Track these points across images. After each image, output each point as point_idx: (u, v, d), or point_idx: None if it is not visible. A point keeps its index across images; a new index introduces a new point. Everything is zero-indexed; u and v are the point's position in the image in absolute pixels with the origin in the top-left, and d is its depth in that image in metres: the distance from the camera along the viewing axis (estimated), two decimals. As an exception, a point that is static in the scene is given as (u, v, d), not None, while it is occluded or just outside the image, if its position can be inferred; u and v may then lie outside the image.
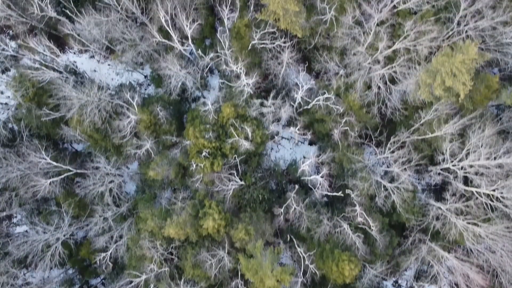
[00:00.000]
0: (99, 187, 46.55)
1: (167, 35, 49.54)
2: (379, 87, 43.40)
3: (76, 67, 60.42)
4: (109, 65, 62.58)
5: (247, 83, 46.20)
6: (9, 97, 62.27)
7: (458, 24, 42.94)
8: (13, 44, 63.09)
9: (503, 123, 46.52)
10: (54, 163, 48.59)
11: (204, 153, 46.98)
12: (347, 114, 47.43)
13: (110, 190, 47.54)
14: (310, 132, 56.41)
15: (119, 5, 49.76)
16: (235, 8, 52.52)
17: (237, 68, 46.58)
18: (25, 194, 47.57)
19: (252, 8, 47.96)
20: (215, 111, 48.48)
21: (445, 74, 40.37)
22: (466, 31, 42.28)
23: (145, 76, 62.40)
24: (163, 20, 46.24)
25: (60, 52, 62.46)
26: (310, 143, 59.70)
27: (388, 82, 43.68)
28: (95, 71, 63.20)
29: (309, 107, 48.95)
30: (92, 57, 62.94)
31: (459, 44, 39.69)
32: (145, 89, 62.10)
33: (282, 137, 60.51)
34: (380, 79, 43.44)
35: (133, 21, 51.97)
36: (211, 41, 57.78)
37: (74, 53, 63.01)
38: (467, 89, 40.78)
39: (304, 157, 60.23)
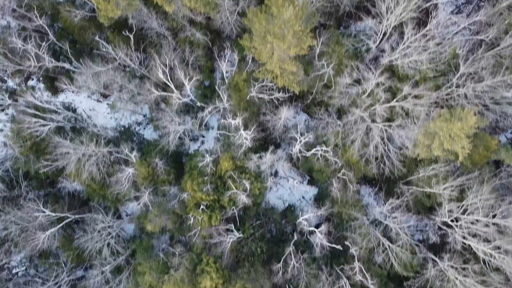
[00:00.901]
0: (97, 243, 46.59)
1: (166, 85, 49.44)
2: (376, 146, 43.21)
3: (74, 108, 60.39)
4: (107, 104, 62.45)
5: (245, 137, 46.10)
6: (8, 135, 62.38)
7: (457, 86, 42.72)
8: (10, 82, 62.89)
9: (502, 178, 46.37)
10: (53, 214, 48.74)
11: (202, 207, 46.95)
12: (346, 166, 47.33)
13: (108, 243, 47.56)
14: (308, 182, 56.79)
15: (117, 55, 49.65)
16: (233, 62, 52.72)
17: (235, 122, 46.52)
18: (24, 247, 47.62)
19: (250, 61, 47.74)
20: (213, 162, 48.41)
21: (444, 138, 40.21)
22: (465, 92, 42.04)
23: (144, 116, 62.24)
24: (161, 76, 46.09)
25: (58, 91, 62.74)
26: (309, 183, 59.68)
27: (386, 140, 43.49)
28: (94, 109, 63.14)
29: (307, 155, 48.86)
30: (91, 96, 62.84)
31: (457, 110, 39.43)
32: (144, 128, 61.93)
33: (281, 177, 60.46)
34: (378, 136, 43.20)
35: (131, 73, 51.68)
36: (210, 84, 57.69)
37: (72, 91, 62.80)
38: (465, 152, 40.72)
39: (303, 197, 60.35)
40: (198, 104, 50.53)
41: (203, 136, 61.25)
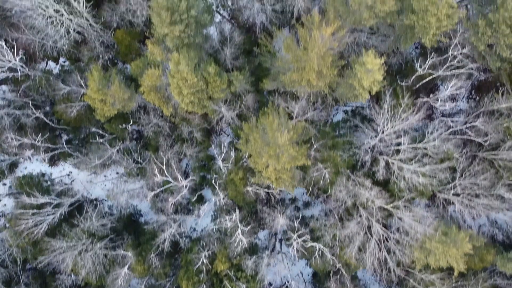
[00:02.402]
0: None
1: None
2: (373, 258, 43.31)
3: (71, 183, 60.59)
4: (105, 176, 62.44)
5: (241, 239, 46.27)
6: (5, 205, 62.59)
7: (454, 194, 42.70)
8: (6, 158, 62.65)
9: (496, 280, 46.35)
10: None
11: (198, 308, 47.27)
12: (344, 266, 47.46)
13: None
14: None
15: (114, 147, 49.84)
16: (230, 135, 52.83)
17: (231, 220, 46.71)
18: None
19: (246, 157, 47.65)
20: (209, 257, 48.58)
21: (439, 256, 40.29)
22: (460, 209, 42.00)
23: (141, 187, 62.17)
24: (159, 178, 46.19)
25: (55, 163, 62.78)
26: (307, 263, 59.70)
27: (384, 250, 43.52)
28: (91, 181, 63.15)
29: (305, 249, 49.05)
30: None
31: (453, 231, 39.42)
32: (141, 200, 61.87)
33: (279, 251, 60.54)
34: (375, 247, 43.27)
35: (129, 173, 51.77)
36: (208, 165, 57.63)
37: (70, 163, 62.71)
38: (461, 267, 40.80)
39: (301, 273, 60.52)
40: (194, 198, 50.78)
41: (199, 208, 61.37)
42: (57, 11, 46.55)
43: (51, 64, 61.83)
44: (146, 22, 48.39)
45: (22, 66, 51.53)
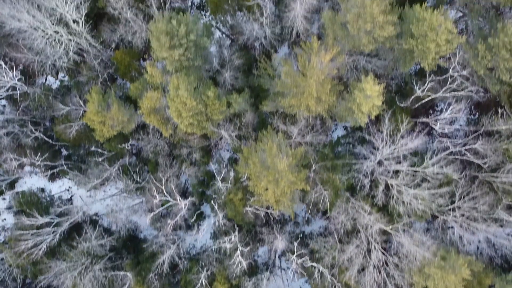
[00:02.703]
0: None
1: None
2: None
3: (70, 198, 60.69)
4: (104, 191, 62.40)
5: (241, 261, 46.30)
6: (5, 219, 62.62)
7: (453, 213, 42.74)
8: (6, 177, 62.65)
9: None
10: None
11: (198, 329, 47.31)
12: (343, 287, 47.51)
13: None
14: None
15: (113, 168, 49.90)
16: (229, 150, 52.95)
17: (230, 242, 46.72)
18: None
19: (245, 178, 47.63)
20: (208, 277, 48.62)
21: (438, 281, 40.28)
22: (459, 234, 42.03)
23: (140, 202, 62.19)
24: (157, 199, 46.22)
25: (55, 178, 62.79)
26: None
27: (383, 274, 43.53)
28: (90, 196, 63.14)
29: (305, 267, 49.02)
30: (88, 185, 62.84)
31: (452, 257, 39.42)
32: (140, 216, 61.93)
33: (278, 267, 60.53)
34: (374, 271, 43.28)
35: (129, 192, 51.87)
36: (207, 181, 57.64)
37: (70, 178, 62.75)
38: (460, 291, 40.87)
39: (301, 288, 60.55)
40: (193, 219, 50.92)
41: (200, 224, 61.38)
42: (56, 32, 46.55)
43: (50, 79, 61.80)
44: (145, 43, 48.36)
45: (21, 86, 51.58)
